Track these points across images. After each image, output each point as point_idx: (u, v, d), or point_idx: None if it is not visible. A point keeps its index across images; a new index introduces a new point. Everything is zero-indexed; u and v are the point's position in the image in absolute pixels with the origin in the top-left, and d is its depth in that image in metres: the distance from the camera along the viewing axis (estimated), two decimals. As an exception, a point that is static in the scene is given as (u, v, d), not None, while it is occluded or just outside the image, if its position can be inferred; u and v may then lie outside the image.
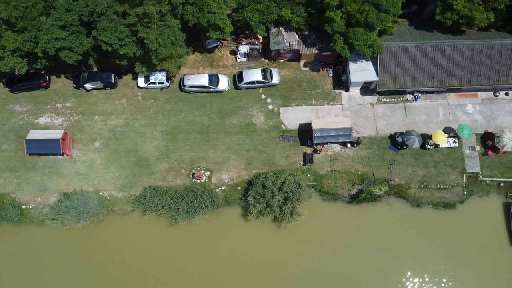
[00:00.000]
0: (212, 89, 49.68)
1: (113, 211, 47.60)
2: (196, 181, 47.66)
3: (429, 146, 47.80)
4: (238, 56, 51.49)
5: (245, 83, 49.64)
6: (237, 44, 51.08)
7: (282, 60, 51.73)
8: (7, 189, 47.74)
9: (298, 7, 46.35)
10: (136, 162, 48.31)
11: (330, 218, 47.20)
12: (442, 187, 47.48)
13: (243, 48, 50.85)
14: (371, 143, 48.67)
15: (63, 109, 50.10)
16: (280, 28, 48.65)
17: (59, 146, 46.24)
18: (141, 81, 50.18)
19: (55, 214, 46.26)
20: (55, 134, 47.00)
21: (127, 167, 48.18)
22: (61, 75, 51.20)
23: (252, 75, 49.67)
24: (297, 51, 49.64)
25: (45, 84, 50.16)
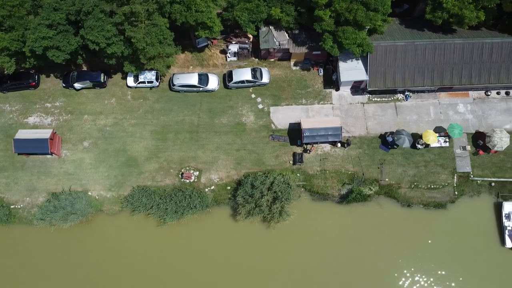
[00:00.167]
0: (201, 89, 49.42)
1: (102, 211, 47.42)
2: (185, 181, 47.42)
3: (419, 146, 47.48)
4: (228, 55, 51.24)
5: (235, 82, 49.37)
6: (227, 43, 50.88)
7: (272, 59, 51.46)
8: (-5, 189, 47.70)
9: (288, 6, 46.06)
10: (125, 161, 48.08)
11: (320, 218, 46.94)
12: (432, 187, 47.17)
13: (233, 47, 50.61)
14: (361, 142, 48.36)
15: (53, 109, 49.89)
16: (270, 27, 48.41)
17: (47, 146, 46.05)
18: (130, 81, 49.94)
19: (43, 214, 46.11)
20: (43, 133, 46.80)
21: (116, 167, 47.95)
22: (51, 75, 50.98)
23: (242, 74, 49.39)
24: (287, 50, 49.31)
25: (34, 83, 49.96)
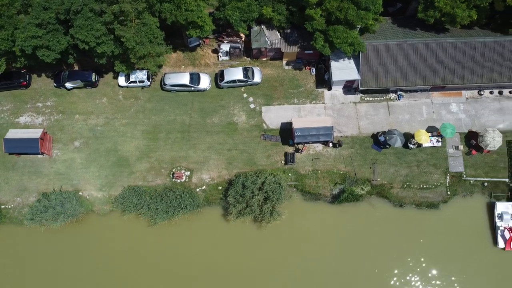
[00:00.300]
0: (193, 88, 49.20)
1: (93, 211, 47.21)
2: (176, 180, 47.20)
3: (412, 146, 47.23)
4: (220, 55, 51.02)
5: (227, 82, 49.13)
6: (219, 43, 50.66)
7: (264, 59, 51.23)
8: (-14, 189, 47.46)
9: (279, 5, 45.86)
10: (116, 161, 47.87)
11: (312, 218, 46.70)
12: (425, 186, 46.92)
13: (225, 46, 50.40)
14: (353, 142, 48.12)
15: (44, 108, 49.69)
16: (262, 26, 48.18)
17: (37, 146, 45.86)
18: (121, 80, 49.73)
19: (34, 214, 45.88)
20: (34, 133, 46.61)
21: (107, 167, 47.74)
22: (42, 74, 50.76)
23: (234, 73, 49.16)
24: (279, 50, 49.07)
25: (25, 83, 49.73)
